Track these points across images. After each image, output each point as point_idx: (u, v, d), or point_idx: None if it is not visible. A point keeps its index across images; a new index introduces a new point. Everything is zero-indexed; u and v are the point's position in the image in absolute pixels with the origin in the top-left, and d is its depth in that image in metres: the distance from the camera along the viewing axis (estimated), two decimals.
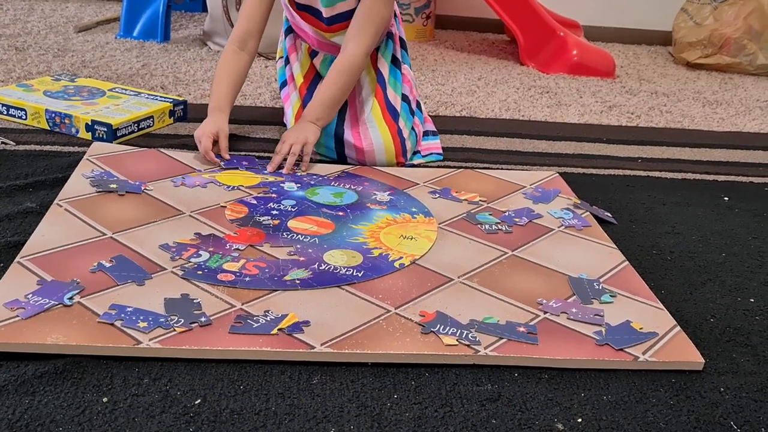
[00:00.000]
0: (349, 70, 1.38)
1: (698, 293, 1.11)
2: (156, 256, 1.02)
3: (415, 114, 1.51)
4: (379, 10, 1.38)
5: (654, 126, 1.93)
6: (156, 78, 1.88)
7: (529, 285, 1.05)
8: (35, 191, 1.20)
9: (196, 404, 0.78)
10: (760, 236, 1.32)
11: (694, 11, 2.64)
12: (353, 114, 1.44)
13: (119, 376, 0.80)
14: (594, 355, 0.91)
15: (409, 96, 1.50)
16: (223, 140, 1.36)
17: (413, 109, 1.51)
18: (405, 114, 1.47)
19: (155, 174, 1.28)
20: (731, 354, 0.96)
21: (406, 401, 0.82)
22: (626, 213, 1.36)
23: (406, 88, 1.51)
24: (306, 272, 1.02)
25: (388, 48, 1.51)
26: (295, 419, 0.77)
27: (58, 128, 1.47)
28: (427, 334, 0.91)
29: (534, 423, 0.80)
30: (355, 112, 1.45)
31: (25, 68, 1.84)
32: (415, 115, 1.51)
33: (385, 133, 1.41)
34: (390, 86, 1.48)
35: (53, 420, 0.73)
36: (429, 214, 1.24)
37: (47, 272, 0.95)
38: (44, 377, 0.79)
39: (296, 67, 1.51)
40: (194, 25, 2.52)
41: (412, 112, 1.50)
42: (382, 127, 1.42)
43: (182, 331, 0.86)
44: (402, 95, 1.49)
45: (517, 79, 2.26)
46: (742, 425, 0.83)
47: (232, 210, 1.18)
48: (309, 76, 1.49)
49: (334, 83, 1.38)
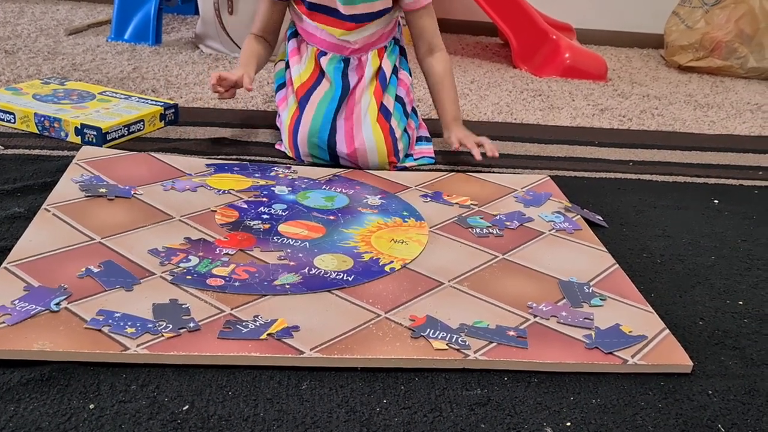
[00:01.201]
0: (452, 71, 1.56)
1: (687, 296, 1.11)
2: (145, 261, 1.02)
3: (409, 116, 1.52)
4: (430, 18, 1.53)
5: (645, 129, 1.94)
6: (147, 81, 1.87)
7: (519, 288, 1.05)
8: (23, 196, 1.19)
9: (183, 410, 0.77)
10: (749, 239, 1.33)
11: (685, 15, 2.65)
12: (350, 108, 1.45)
13: (106, 383, 0.80)
14: (583, 358, 0.91)
15: (404, 99, 1.51)
16: (247, 78, 1.41)
17: (407, 111, 1.52)
18: (398, 115, 1.47)
19: (145, 178, 1.27)
20: (720, 357, 0.97)
21: (395, 406, 0.81)
22: (617, 216, 1.36)
23: (401, 90, 1.52)
24: (296, 277, 1.02)
25: (394, 52, 1.55)
26: (284, 425, 0.77)
27: (47, 132, 1.46)
28: (416, 338, 0.91)
29: (523, 427, 0.80)
30: (351, 106, 1.45)
31: (14, 71, 1.84)
32: (409, 118, 1.51)
33: (377, 132, 1.41)
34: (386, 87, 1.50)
35: (39, 427, 0.73)
36: (420, 217, 1.24)
37: (34, 278, 0.94)
38: (30, 384, 0.78)
39: (297, 69, 1.51)
40: (186, 28, 2.52)
41: (406, 114, 1.51)
42: (374, 126, 1.42)
43: (170, 336, 0.86)
44: (396, 96, 1.50)
45: (510, 82, 2.26)
46: (730, 428, 0.83)
47: (223, 214, 1.18)
48: (311, 78, 1.48)
49: (451, 86, 1.55)
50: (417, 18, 1.51)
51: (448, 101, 1.54)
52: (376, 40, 1.51)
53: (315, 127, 1.42)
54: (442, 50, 1.55)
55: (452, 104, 1.54)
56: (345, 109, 1.45)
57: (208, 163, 1.37)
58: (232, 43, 2.17)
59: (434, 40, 1.54)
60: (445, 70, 1.54)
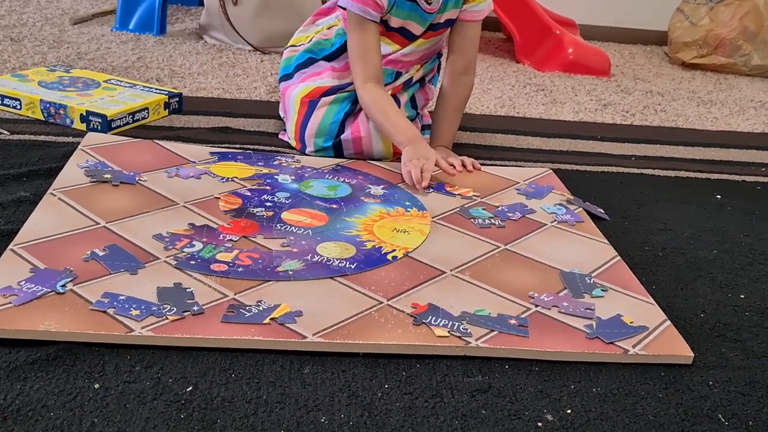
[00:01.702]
0: (468, 98, 1.51)
1: (689, 289, 1.11)
2: (149, 245, 1.02)
3: (417, 118, 1.52)
4: (478, 33, 1.46)
5: (648, 125, 1.94)
6: (152, 70, 1.88)
7: (521, 279, 1.06)
8: (29, 181, 1.19)
9: (187, 392, 0.78)
10: (751, 234, 1.33)
11: (690, 11, 2.65)
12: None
13: (111, 363, 0.80)
14: (584, 348, 0.91)
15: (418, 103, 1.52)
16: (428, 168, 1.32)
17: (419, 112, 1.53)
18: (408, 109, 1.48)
19: (149, 165, 1.28)
20: (720, 349, 0.97)
21: (396, 391, 0.82)
22: (619, 210, 1.37)
23: (420, 98, 1.52)
24: (299, 263, 1.02)
25: (432, 62, 1.53)
26: (286, 408, 0.77)
27: (53, 119, 1.47)
28: (418, 325, 0.91)
29: (523, 414, 0.81)
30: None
31: (20, 59, 1.84)
32: (417, 119, 1.52)
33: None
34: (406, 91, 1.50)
35: (45, 405, 0.73)
36: (422, 207, 1.25)
37: (40, 260, 0.95)
38: (36, 363, 0.79)
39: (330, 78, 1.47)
40: (190, 18, 2.52)
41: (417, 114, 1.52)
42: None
43: (174, 319, 0.87)
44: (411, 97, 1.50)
45: (513, 77, 2.26)
46: (730, 418, 0.84)
47: (226, 201, 1.18)
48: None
49: (461, 113, 1.50)
50: (468, 29, 1.44)
51: (453, 126, 1.50)
52: (431, 53, 1.50)
53: (323, 128, 1.42)
54: (473, 74, 1.50)
55: (455, 130, 1.51)
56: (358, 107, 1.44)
57: (212, 151, 1.38)
58: (236, 34, 2.17)
59: (473, 60, 1.47)
60: (467, 98, 1.50)
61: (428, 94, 1.56)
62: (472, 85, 1.51)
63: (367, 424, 0.77)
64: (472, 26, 1.44)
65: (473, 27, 1.45)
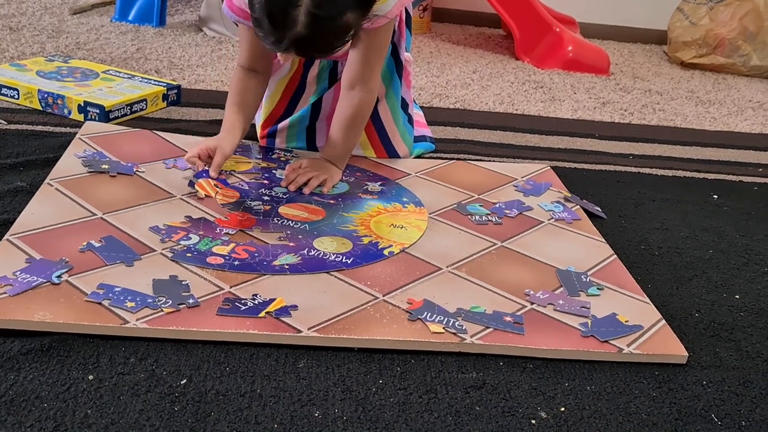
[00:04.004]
0: (363, 116, 1.29)
1: (684, 288, 1.12)
2: (146, 237, 1.02)
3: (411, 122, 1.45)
4: (382, 41, 1.23)
5: (646, 123, 1.94)
6: (150, 62, 1.87)
7: (517, 276, 1.06)
8: (26, 170, 1.19)
9: (181, 384, 0.78)
10: (747, 234, 1.33)
11: (689, 11, 2.65)
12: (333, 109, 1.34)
13: (105, 355, 0.80)
14: (579, 346, 0.91)
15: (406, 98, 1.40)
16: (218, 157, 1.21)
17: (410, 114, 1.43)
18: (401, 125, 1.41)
19: (147, 156, 1.28)
20: (715, 348, 0.97)
21: (391, 386, 0.82)
22: (616, 208, 1.37)
23: (404, 88, 1.39)
24: (295, 258, 1.02)
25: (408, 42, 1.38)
26: (281, 401, 0.78)
27: (51, 109, 1.46)
28: (414, 321, 0.91)
29: (517, 411, 0.81)
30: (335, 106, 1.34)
31: (18, 48, 1.83)
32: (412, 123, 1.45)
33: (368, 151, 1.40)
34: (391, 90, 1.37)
35: (38, 396, 0.73)
36: (420, 203, 1.25)
37: (36, 250, 0.95)
38: (30, 354, 0.79)
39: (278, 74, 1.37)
40: (190, 10, 2.51)
41: (411, 122, 1.44)
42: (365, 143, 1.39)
43: (170, 311, 0.87)
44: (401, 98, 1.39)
45: (512, 74, 2.26)
46: (723, 418, 0.84)
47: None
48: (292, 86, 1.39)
49: (355, 133, 1.30)
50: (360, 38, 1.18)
51: (337, 141, 1.29)
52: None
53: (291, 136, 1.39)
54: (367, 93, 1.26)
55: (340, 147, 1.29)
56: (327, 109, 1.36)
57: None
58: (236, 27, 2.16)
59: (360, 75, 1.23)
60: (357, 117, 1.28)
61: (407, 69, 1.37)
62: (365, 105, 1.27)
63: (361, 418, 0.77)
64: (364, 34, 1.15)
65: (366, 35, 1.17)
